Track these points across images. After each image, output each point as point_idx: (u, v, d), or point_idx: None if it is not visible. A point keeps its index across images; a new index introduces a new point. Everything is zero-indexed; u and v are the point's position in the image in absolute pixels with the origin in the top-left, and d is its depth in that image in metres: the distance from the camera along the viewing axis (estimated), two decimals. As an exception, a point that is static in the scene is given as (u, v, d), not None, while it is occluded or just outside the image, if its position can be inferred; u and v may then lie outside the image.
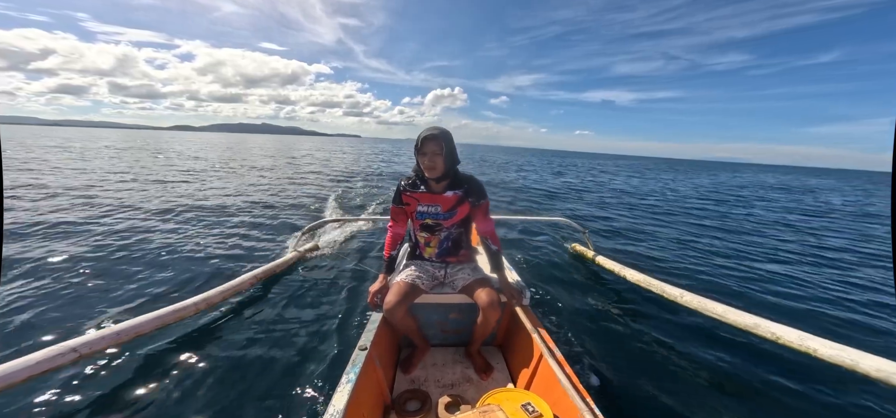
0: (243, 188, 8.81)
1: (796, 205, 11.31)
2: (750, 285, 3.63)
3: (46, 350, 1.55)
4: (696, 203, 10.44)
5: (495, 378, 1.72)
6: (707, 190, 14.84)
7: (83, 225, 4.60)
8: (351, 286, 3.05)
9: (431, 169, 1.57)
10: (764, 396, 1.94)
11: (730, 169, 61.62)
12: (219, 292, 2.41)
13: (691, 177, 23.00)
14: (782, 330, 1.83)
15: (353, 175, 12.87)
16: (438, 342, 1.94)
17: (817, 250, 5.39)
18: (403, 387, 1.62)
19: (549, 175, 17.89)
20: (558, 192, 11.26)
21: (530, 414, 1.18)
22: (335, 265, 3.56)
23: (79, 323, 2.28)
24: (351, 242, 4.38)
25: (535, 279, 3.40)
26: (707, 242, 5.55)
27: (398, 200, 1.74)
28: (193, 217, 5.44)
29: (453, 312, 1.87)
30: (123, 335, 1.81)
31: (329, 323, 2.41)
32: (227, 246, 4.09)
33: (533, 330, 1.54)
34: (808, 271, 4.25)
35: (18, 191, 6.66)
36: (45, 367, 1.51)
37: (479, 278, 1.72)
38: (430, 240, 1.76)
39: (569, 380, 1.24)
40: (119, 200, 6.27)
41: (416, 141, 1.60)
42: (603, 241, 5.17)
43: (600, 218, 7.31)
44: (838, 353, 1.57)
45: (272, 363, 1.96)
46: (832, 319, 2.93)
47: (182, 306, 2.13)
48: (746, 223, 7.52)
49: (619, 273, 3.23)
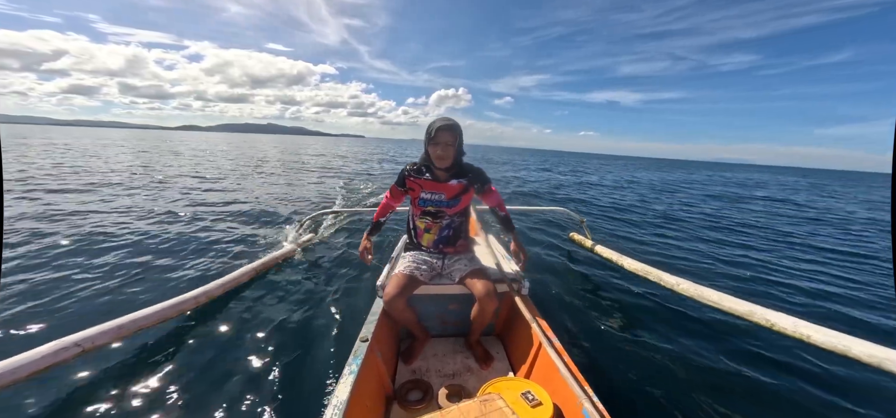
0: (244, 184, 8.76)
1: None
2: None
3: (49, 345, 1.56)
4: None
5: (495, 367, 1.74)
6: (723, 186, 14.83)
7: (84, 219, 4.57)
8: (350, 277, 3.06)
9: (443, 158, 1.60)
10: (759, 382, 1.98)
11: (744, 170, 60.82)
12: (219, 285, 2.42)
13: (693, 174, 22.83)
14: (777, 317, 1.86)
15: (354, 174, 12.80)
16: (438, 333, 1.96)
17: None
18: (405, 378, 1.64)
19: (535, 171, 18.20)
20: (553, 185, 11.26)
21: (530, 403, 1.21)
22: (334, 256, 3.57)
23: (81, 317, 2.28)
24: (349, 234, 4.39)
25: (533, 269, 3.42)
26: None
27: (402, 183, 1.77)
28: (195, 212, 5.41)
29: (452, 303, 1.88)
30: (125, 329, 1.82)
31: (329, 315, 2.42)
32: (228, 240, 4.08)
33: (532, 319, 1.56)
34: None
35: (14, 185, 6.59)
36: (49, 362, 1.52)
37: (475, 268, 1.73)
38: (431, 227, 1.78)
39: (567, 369, 1.26)
40: (119, 195, 6.23)
41: (428, 130, 1.61)
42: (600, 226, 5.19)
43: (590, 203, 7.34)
44: (831, 339, 1.60)
45: (274, 355, 1.98)
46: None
47: (182, 299, 2.14)
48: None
49: (616, 262, 3.26)
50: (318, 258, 3.53)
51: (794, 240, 5.71)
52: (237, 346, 2.05)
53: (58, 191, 6.36)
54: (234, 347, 2.04)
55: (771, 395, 1.89)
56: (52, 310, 2.34)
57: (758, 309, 1.97)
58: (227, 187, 7.90)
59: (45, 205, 5.18)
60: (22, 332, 2.08)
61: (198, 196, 6.71)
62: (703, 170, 33.32)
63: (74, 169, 9.50)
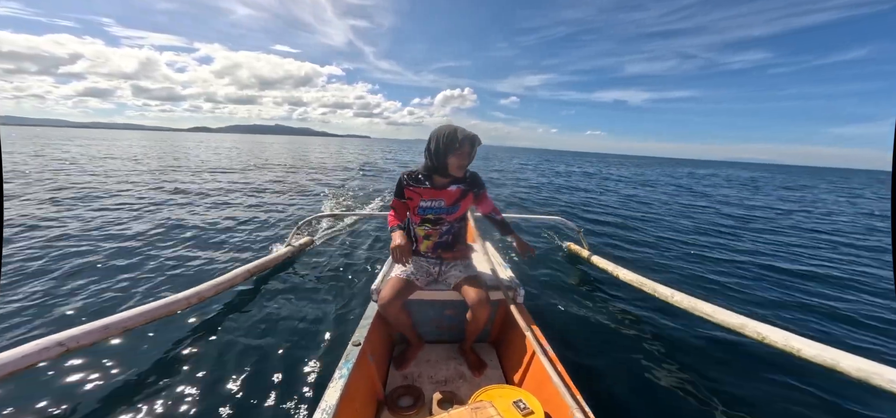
0: (242, 184, 8.70)
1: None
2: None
3: (31, 343, 1.52)
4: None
5: (488, 375, 1.73)
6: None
7: (72, 219, 4.50)
8: (344, 281, 3.04)
9: (462, 168, 1.60)
10: (749, 394, 1.99)
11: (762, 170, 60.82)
12: (211, 286, 2.39)
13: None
14: (768, 331, 1.87)
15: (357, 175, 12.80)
16: (432, 338, 1.95)
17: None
18: (397, 383, 1.62)
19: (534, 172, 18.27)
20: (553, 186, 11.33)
21: (522, 411, 1.20)
22: (328, 260, 3.54)
23: (65, 316, 2.24)
24: (345, 237, 4.37)
25: (529, 277, 3.42)
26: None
27: (400, 194, 1.74)
28: (188, 211, 5.36)
29: (447, 309, 1.87)
30: (111, 329, 1.78)
31: (322, 318, 2.40)
32: (220, 240, 4.04)
33: (526, 328, 1.55)
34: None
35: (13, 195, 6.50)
36: (31, 361, 1.48)
37: (470, 275, 1.73)
38: (430, 234, 1.76)
39: (560, 378, 1.26)
40: (115, 194, 6.15)
41: (447, 136, 1.54)
42: (594, 234, 5.22)
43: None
44: (820, 353, 1.61)
45: (264, 358, 1.95)
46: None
47: (173, 300, 2.11)
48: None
49: (612, 272, 3.27)
50: (314, 261, 3.50)
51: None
52: (226, 348, 2.02)
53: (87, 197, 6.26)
54: (224, 349, 2.01)
55: (761, 408, 1.90)
56: (35, 309, 2.29)
57: (750, 322, 1.98)
58: (228, 187, 7.84)
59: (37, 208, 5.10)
60: (3, 330, 2.03)
61: (201, 196, 6.65)
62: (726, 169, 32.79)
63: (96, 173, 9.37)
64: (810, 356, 1.65)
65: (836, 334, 2.75)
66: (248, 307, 2.50)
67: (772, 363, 2.20)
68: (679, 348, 2.36)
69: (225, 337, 2.12)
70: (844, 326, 2.87)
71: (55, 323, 2.16)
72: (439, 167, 1.60)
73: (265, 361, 1.92)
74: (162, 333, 2.09)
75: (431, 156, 1.60)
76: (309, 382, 1.77)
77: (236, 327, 2.23)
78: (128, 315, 1.88)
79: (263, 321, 2.31)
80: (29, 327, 2.10)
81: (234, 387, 1.72)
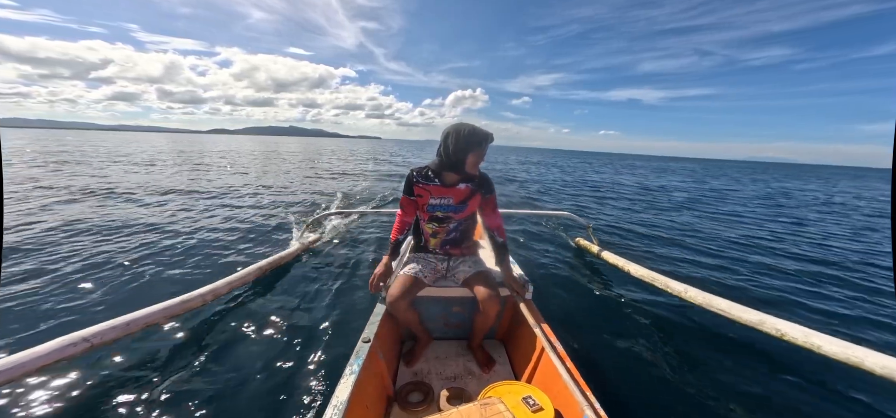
0: (254, 184, 8.88)
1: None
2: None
3: (58, 340, 1.59)
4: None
5: (497, 371, 1.73)
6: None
7: (96, 220, 4.68)
8: (354, 277, 3.07)
9: (476, 166, 1.60)
10: (767, 392, 1.93)
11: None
12: (225, 283, 2.45)
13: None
14: (787, 327, 1.82)
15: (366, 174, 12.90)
16: (441, 335, 1.96)
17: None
18: (406, 379, 1.64)
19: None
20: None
21: (531, 408, 1.19)
22: (338, 256, 3.59)
23: (90, 313, 2.33)
24: (354, 234, 4.41)
25: (538, 273, 3.40)
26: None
27: (410, 192, 1.73)
28: (204, 211, 5.50)
29: (455, 306, 1.88)
30: (133, 325, 1.85)
31: (332, 315, 2.43)
32: (234, 238, 4.14)
33: (535, 324, 1.54)
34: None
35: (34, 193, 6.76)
36: (57, 357, 1.55)
37: (479, 272, 1.73)
38: (438, 232, 1.76)
39: (570, 374, 1.25)
40: (135, 195, 6.36)
41: (468, 133, 1.53)
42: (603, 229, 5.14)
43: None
44: (843, 350, 1.56)
45: (276, 354, 1.99)
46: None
47: (190, 297, 2.17)
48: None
49: (623, 268, 3.22)
50: (323, 258, 3.55)
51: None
52: (240, 344, 2.07)
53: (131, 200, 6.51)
54: (238, 345, 2.06)
55: (779, 407, 1.84)
56: (62, 306, 2.39)
57: (768, 318, 1.93)
58: (241, 187, 8.02)
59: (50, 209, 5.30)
60: (32, 326, 2.13)
61: (210, 195, 6.82)
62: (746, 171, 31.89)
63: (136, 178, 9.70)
64: (832, 353, 1.60)
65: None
66: (259, 303, 2.55)
67: (789, 360, 2.14)
68: (692, 344, 2.32)
69: (238, 333, 2.18)
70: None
71: (78, 318, 2.26)
72: (456, 163, 1.56)
73: (277, 357, 1.96)
74: (179, 329, 2.16)
75: (448, 152, 1.56)
76: (320, 378, 1.80)
77: (249, 323, 2.28)
78: (148, 311, 1.94)
79: (275, 317, 2.36)
80: (56, 322, 2.19)
81: (247, 382, 1.76)
